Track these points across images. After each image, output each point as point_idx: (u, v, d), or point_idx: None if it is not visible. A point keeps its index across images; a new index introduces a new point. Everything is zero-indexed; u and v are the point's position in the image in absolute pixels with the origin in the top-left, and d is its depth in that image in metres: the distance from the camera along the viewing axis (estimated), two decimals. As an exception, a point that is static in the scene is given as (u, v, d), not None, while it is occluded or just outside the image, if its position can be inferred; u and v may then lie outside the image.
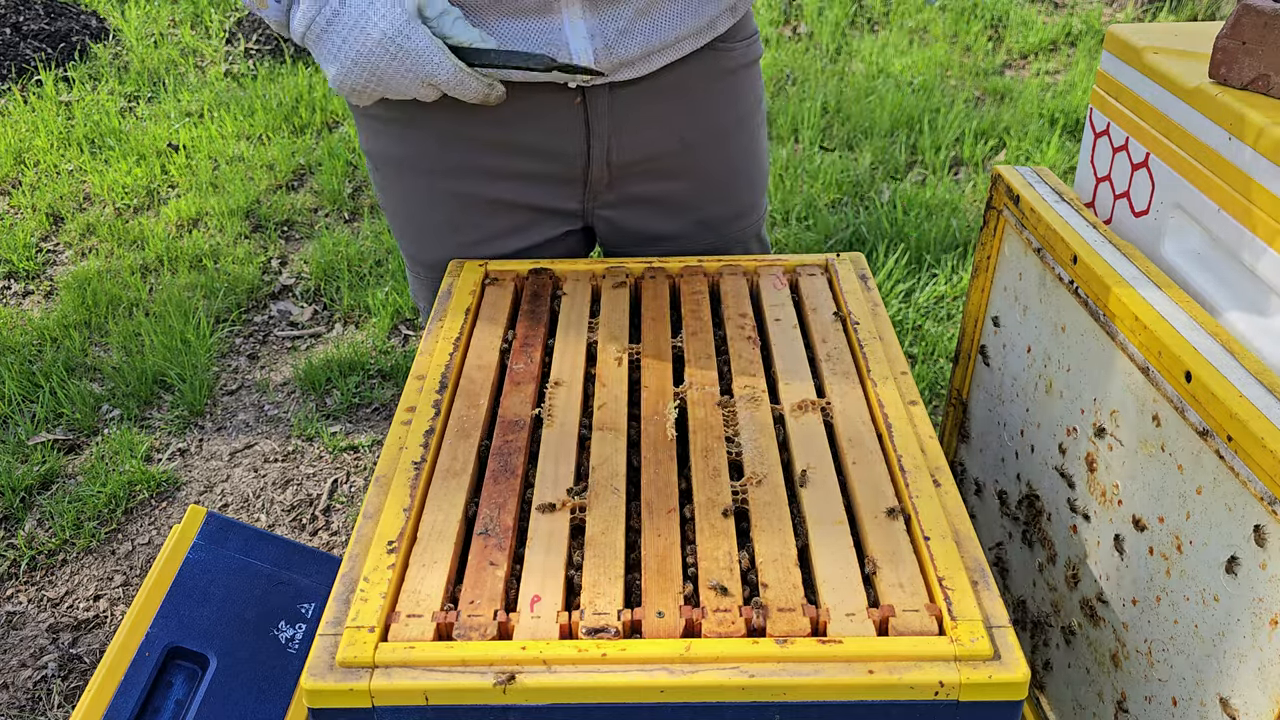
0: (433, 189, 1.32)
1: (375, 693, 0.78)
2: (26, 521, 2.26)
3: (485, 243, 1.36)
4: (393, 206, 1.38)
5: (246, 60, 4.41)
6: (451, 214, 1.34)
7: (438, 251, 1.37)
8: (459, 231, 1.35)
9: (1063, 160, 3.49)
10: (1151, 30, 1.19)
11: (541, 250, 1.37)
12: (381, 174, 1.36)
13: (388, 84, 1.12)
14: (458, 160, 1.28)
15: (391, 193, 1.37)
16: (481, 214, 1.33)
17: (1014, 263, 1.32)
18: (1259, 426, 0.86)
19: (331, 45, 1.11)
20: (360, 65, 1.11)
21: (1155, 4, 4.71)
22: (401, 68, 1.10)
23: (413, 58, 1.10)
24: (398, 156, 1.32)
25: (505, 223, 1.34)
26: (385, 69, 1.11)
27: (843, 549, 0.89)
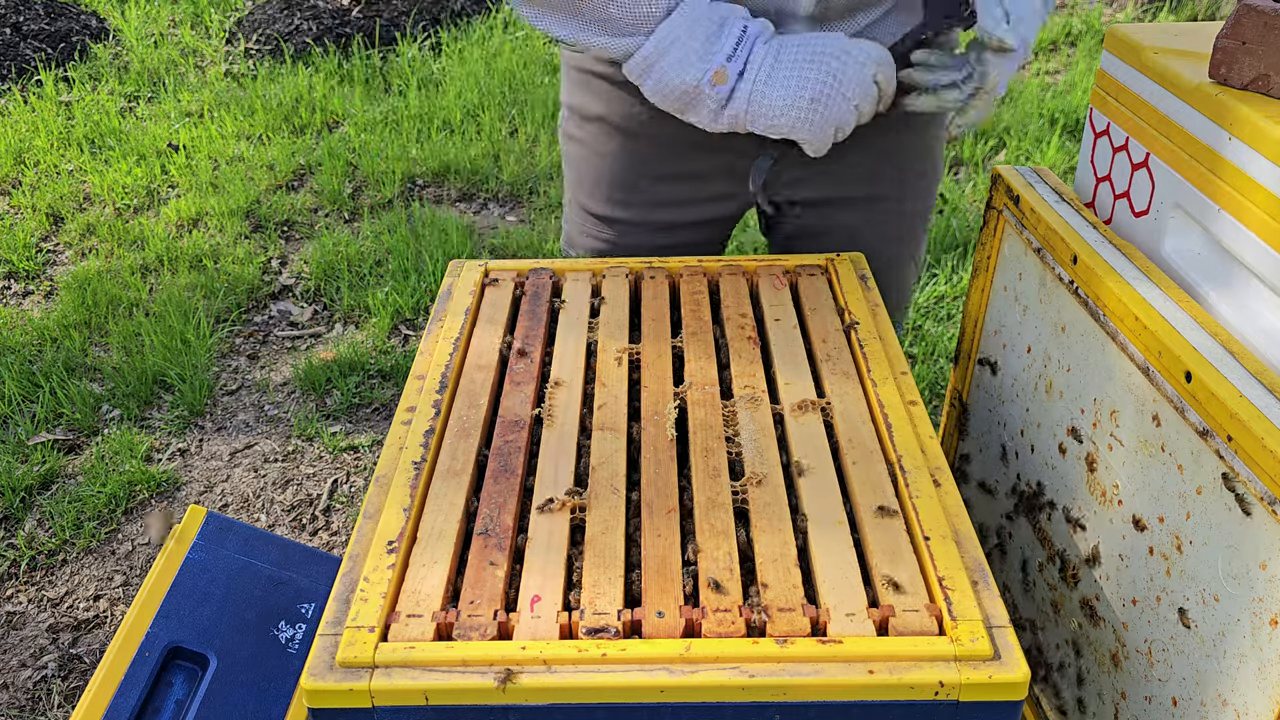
0: (621, 149, 1.38)
1: (375, 693, 0.78)
2: (26, 521, 2.26)
3: (660, 207, 1.41)
4: (581, 158, 1.44)
5: (246, 60, 4.41)
6: (632, 174, 1.40)
7: (612, 208, 1.43)
8: (633, 190, 1.41)
9: (1063, 160, 3.49)
10: (1151, 30, 1.19)
11: (707, 227, 1.44)
12: (579, 127, 1.42)
13: (844, 85, 1.16)
14: (659, 127, 1.31)
15: (584, 145, 1.42)
16: (661, 180, 1.39)
17: (1014, 263, 1.32)
18: (1259, 427, 0.86)
19: (782, 75, 1.16)
20: (819, 77, 1.16)
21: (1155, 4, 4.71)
22: (854, 61, 1.16)
23: (859, 49, 1.16)
24: (598, 113, 1.38)
25: (685, 191, 1.40)
26: (840, 70, 1.16)
27: (843, 549, 0.89)
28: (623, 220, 1.43)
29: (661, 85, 1.18)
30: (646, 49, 1.16)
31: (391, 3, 4.67)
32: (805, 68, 1.16)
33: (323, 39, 4.45)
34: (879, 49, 1.18)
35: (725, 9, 1.18)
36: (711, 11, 1.17)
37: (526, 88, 4.03)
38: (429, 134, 3.79)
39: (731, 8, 1.18)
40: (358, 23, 4.54)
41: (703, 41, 1.15)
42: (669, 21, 1.15)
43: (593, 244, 1.47)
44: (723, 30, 1.16)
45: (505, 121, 3.86)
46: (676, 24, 1.15)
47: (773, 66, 1.16)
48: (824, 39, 1.17)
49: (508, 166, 3.57)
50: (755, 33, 1.17)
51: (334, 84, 4.16)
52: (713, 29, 1.16)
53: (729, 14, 1.17)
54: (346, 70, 4.25)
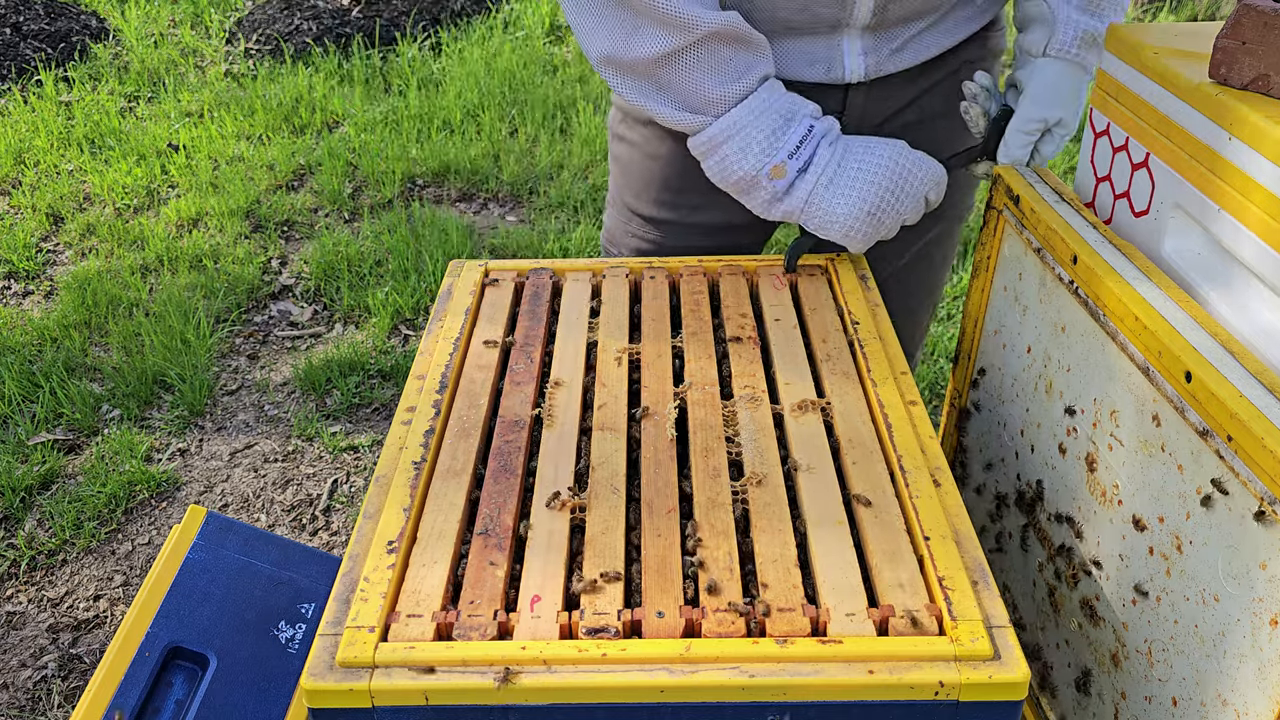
0: (679, 155, 1.39)
1: (375, 693, 0.78)
2: (26, 521, 2.26)
3: (704, 209, 1.43)
4: (630, 159, 1.45)
5: (246, 60, 4.41)
6: (687, 179, 1.40)
7: (659, 210, 1.45)
8: (686, 195, 1.42)
9: (1063, 160, 3.49)
10: (1152, 30, 1.19)
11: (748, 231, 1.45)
12: (630, 128, 1.44)
13: (903, 197, 1.22)
14: None
15: (635, 147, 1.44)
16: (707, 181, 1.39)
17: (1014, 263, 1.32)
18: (1259, 427, 0.86)
19: (844, 182, 1.20)
20: (880, 186, 1.20)
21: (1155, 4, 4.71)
22: (913, 176, 1.21)
23: (919, 164, 1.21)
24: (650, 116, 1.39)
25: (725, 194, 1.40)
26: (900, 183, 1.21)
27: (843, 549, 0.89)
28: (669, 222, 1.44)
29: (722, 168, 1.22)
30: (713, 130, 1.19)
31: (391, 3, 4.67)
32: (867, 182, 1.19)
33: (323, 39, 4.45)
34: (937, 168, 1.23)
35: (796, 103, 1.20)
36: (782, 105, 1.19)
37: (526, 88, 4.03)
38: (429, 134, 3.79)
39: (802, 104, 1.21)
40: (358, 23, 4.54)
41: (768, 134, 1.18)
42: (739, 108, 1.18)
43: (637, 244, 1.48)
44: (789, 126, 1.19)
45: (505, 121, 3.86)
46: (745, 112, 1.18)
47: (835, 173, 1.20)
48: (888, 149, 1.21)
49: (508, 166, 3.57)
50: (821, 133, 1.20)
51: (334, 84, 4.16)
52: (779, 123, 1.18)
53: (797, 110, 1.20)
54: (346, 70, 4.25)
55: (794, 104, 1.20)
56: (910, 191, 1.21)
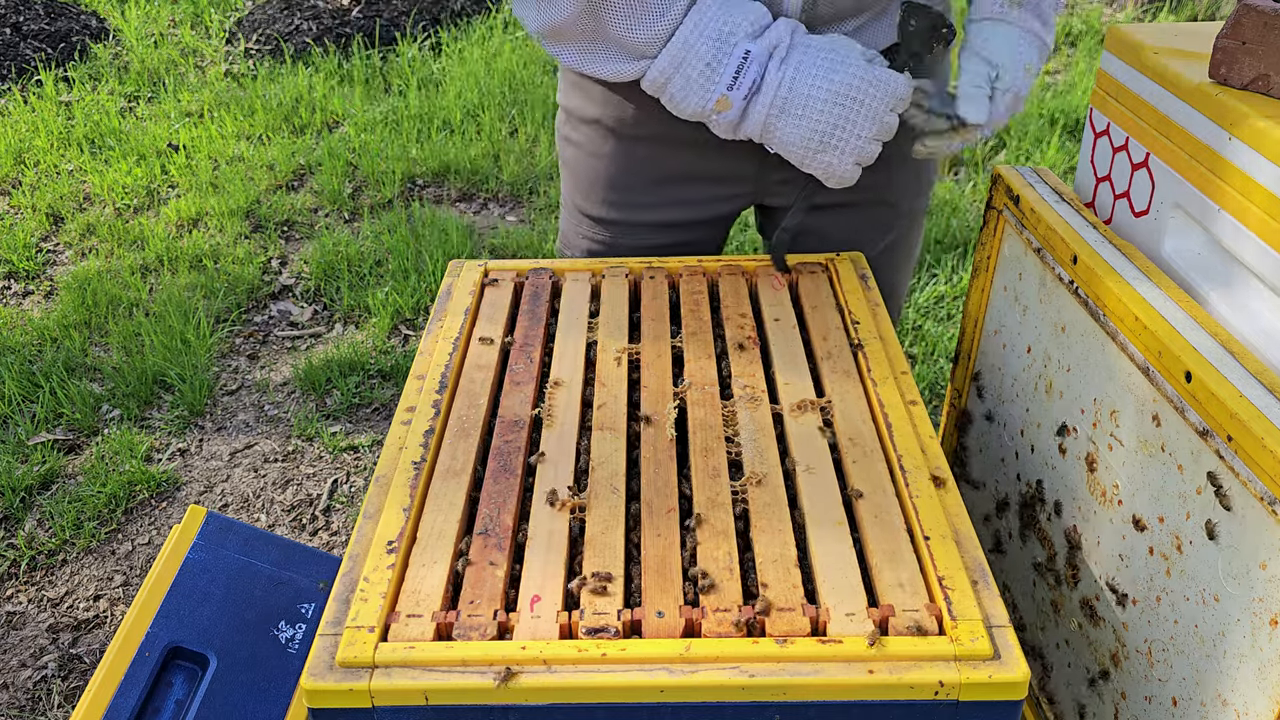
0: (617, 151, 1.38)
1: (375, 693, 0.78)
2: (26, 521, 2.26)
3: (653, 208, 1.41)
4: (576, 160, 1.44)
5: (246, 60, 4.41)
6: (634, 177, 1.39)
7: (607, 210, 1.43)
8: (629, 191, 1.40)
9: (1063, 160, 3.49)
10: (1152, 30, 1.19)
11: (700, 227, 1.43)
12: (574, 129, 1.42)
13: (857, 123, 1.15)
14: (654, 129, 1.32)
15: (580, 148, 1.42)
16: (656, 181, 1.39)
17: (1014, 263, 1.32)
18: (1259, 427, 0.86)
19: (796, 108, 1.15)
20: (831, 114, 1.14)
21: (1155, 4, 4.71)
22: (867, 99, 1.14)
23: (874, 84, 1.13)
24: (593, 115, 1.38)
25: (681, 192, 1.39)
26: (854, 106, 1.14)
27: (843, 549, 0.89)
28: (618, 221, 1.43)
29: (674, 107, 1.19)
30: (653, 73, 1.17)
31: (391, 3, 4.67)
32: (819, 109, 1.14)
33: (323, 39, 4.45)
34: (898, 83, 1.15)
35: (728, 27, 1.15)
36: (713, 31, 1.14)
37: (526, 88, 4.03)
38: (429, 134, 3.79)
39: (736, 24, 1.15)
40: (358, 23, 4.54)
41: (703, 69, 1.15)
42: (671, 44, 1.15)
43: (588, 245, 1.47)
44: (721, 57, 1.15)
45: (505, 121, 3.86)
46: (677, 47, 1.15)
47: (787, 98, 1.15)
48: (844, 70, 1.14)
49: (508, 166, 3.57)
50: (762, 54, 1.15)
51: (334, 84, 4.16)
52: (713, 53, 1.15)
53: (730, 35, 1.15)
54: (346, 70, 4.25)
55: (726, 28, 1.14)
56: (868, 114, 1.14)
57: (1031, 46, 1.23)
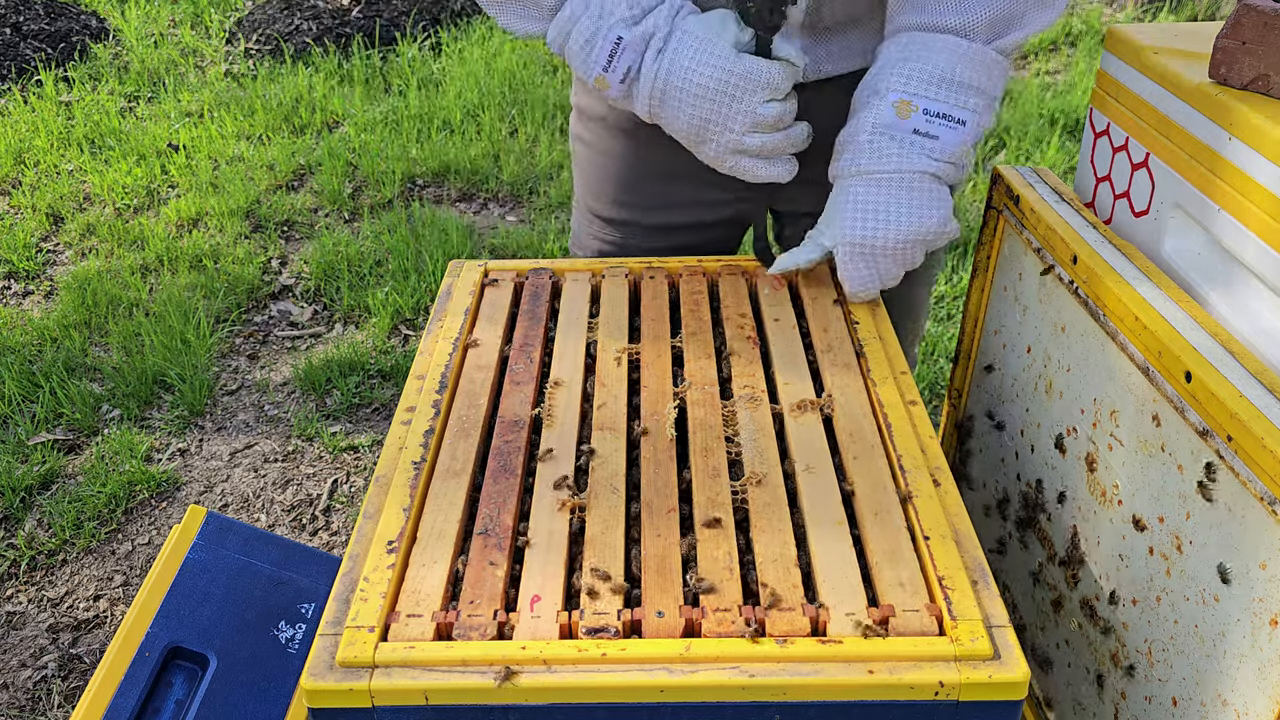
0: (625, 149, 1.38)
1: (375, 692, 0.78)
2: (26, 521, 2.26)
3: (662, 209, 1.41)
4: (587, 159, 1.44)
5: (246, 60, 4.41)
6: (636, 175, 1.39)
7: (617, 210, 1.43)
8: (638, 192, 1.40)
9: (1063, 160, 3.49)
10: (1152, 30, 1.19)
11: (710, 230, 1.42)
12: (585, 127, 1.42)
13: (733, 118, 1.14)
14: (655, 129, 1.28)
15: (590, 146, 1.42)
16: (665, 180, 1.38)
17: (1014, 263, 1.32)
18: (1259, 427, 0.86)
19: (673, 103, 1.14)
20: (706, 111, 1.13)
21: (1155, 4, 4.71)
22: (739, 94, 1.12)
23: (745, 79, 1.11)
24: (600, 112, 1.38)
25: (687, 191, 1.38)
26: (726, 103, 1.13)
27: (843, 549, 0.89)
28: (627, 222, 1.43)
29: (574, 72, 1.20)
30: (550, 35, 1.18)
31: (391, 3, 4.67)
32: (691, 100, 1.14)
33: (323, 39, 4.45)
34: (771, 72, 1.12)
35: (607, 6, 1.13)
36: (596, 10, 1.14)
37: (526, 88, 4.03)
38: (429, 134, 3.79)
39: (612, 6, 1.14)
40: (358, 23, 4.54)
41: (582, 45, 1.15)
42: (560, 14, 1.16)
43: (599, 245, 1.47)
44: (595, 39, 1.14)
45: (505, 121, 3.86)
46: (564, 18, 1.15)
47: (664, 89, 1.15)
48: (713, 55, 1.12)
49: (508, 166, 3.57)
50: (636, 43, 1.13)
51: (334, 84, 4.16)
52: (590, 32, 1.14)
53: (606, 16, 1.13)
54: (346, 70, 4.25)
55: (605, 8, 1.13)
56: (738, 107, 1.12)
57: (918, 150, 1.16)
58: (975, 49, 1.14)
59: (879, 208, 1.15)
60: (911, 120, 1.14)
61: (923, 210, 1.15)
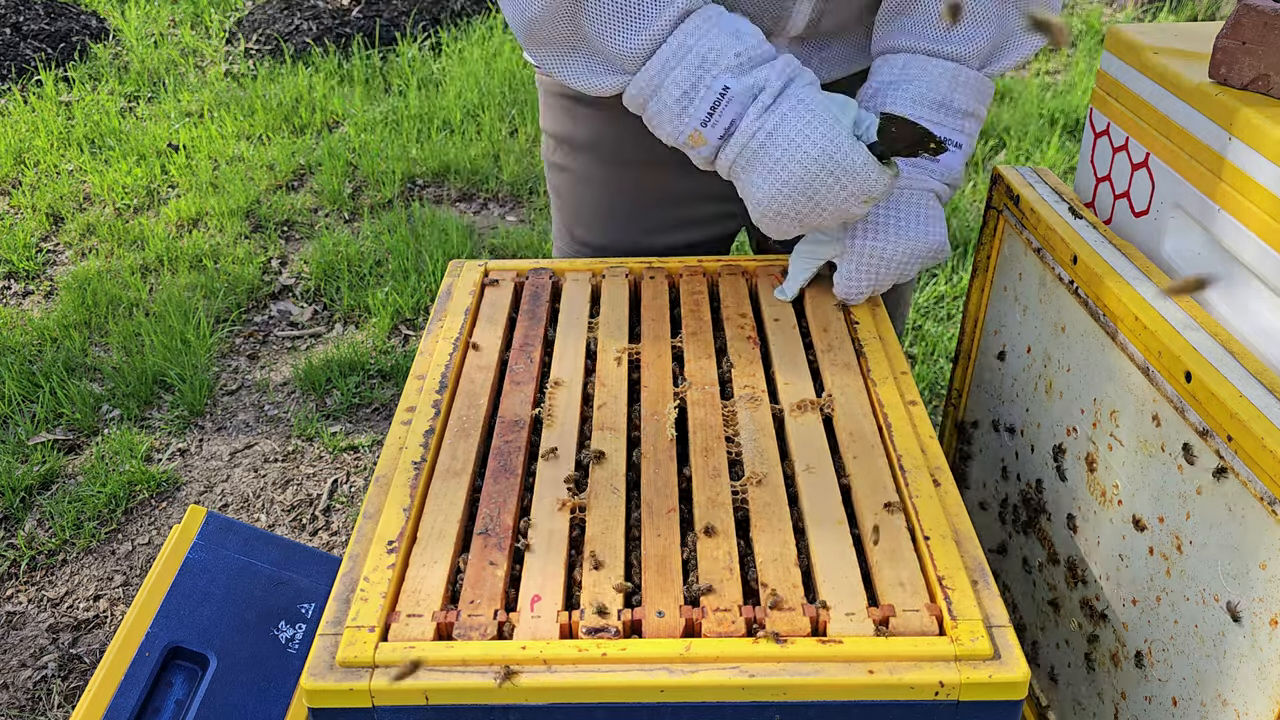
0: (615, 177, 1.34)
1: (375, 692, 0.78)
2: (26, 521, 2.26)
3: (655, 233, 1.38)
4: (567, 187, 1.39)
5: (246, 60, 4.41)
6: (629, 202, 1.36)
7: (604, 235, 1.40)
8: (631, 219, 1.37)
9: (1063, 160, 3.49)
10: (1152, 30, 1.19)
11: (702, 248, 1.40)
12: (570, 157, 1.37)
13: (821, 205, 1.06)
14: (647, 153, 1.26)
15: (577, 176, 1.38)
16: (658, 204, 1.35)
17: (1014, 263, 1.32)
18: (1259, 426, 0.86)
19: (764, 167, 1.05)
20: (797, 186, 1.05)
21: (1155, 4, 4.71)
22: (838, 185, 1.04)
23: (850, 175, 1.03)
24: (585, 141, 1.33)
25: (679, 214, 1.36)
26: (822, 188, 1.04)
27: (843, 549, 0.89)
28: (620, 247, 1.40)
29: (655, 132, 1.11)
30: (631, 90, 1.08)
31: (391, 3, 4.67)
32: (789, 174, 1.04)
33: (323, 39, 4.45)
34: (880, 181, 1.05)
35: (710, 56, 1.04)
36: (695, 58, 1.04)
37: (526, 87, 4.02)
38: (429, 134, 3.79)
39: (719, 55, 1.04)
40: (358, 23, 4.54)
41: (678, 98, 1.05)
42: (652, 61, 1.05)
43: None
44: (697, 90, 1.04)
45: (505, 121, 3.86)
46: (656, 67, 1.05)
47: (756, 152, 1.06)
48: (831, 136, 1.03)
49: (508, 166, 3.57)
50: (744, 94, 1.04)
51: (334, 84, 4.16)
52: (690, 83, 1.04)
53: (710, 67, 1.04)
54: (346, 70, 4.25)
55: (710, 54, 1.03)
56: (836, 199, 1.05)
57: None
58: (970, 74, 1.17)
59: (889, 222, 1.16)
60: None
61: (928, 226, 1.17)
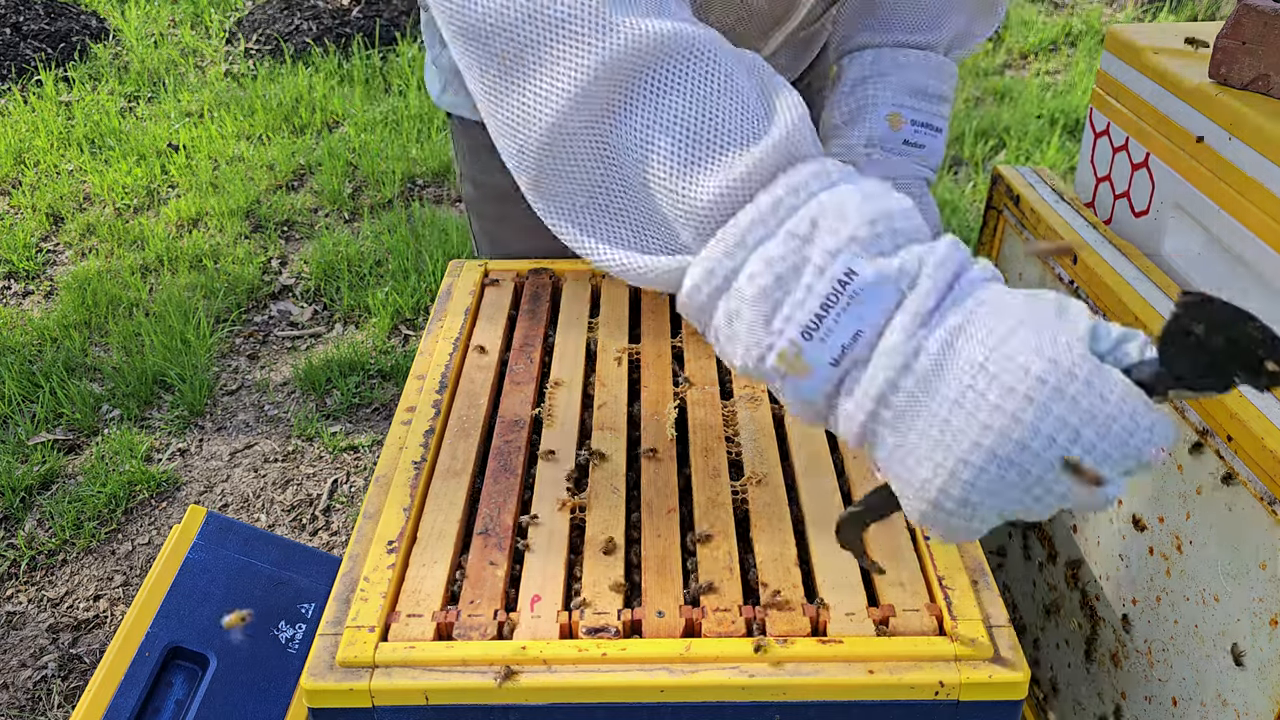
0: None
1: (375, 692, 0.78)
2: (26, 521, 2.26)
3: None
4: (497, 235, 1.37)
5: (246, 60, 4.41)
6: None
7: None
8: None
9: (1063, 160, 3.49)
10: (1151, 30, 1.19)
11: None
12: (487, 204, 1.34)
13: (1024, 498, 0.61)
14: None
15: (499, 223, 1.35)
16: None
17: (1014, 263, 1.32)
18: (1259, 427, 0.86)
19: (933, 417, 0.60)
20: (998, 450, 0.59)
21: (1155, 4, 4.71)
22: (1073, 441, 0.58)
23: (1095, 421, 0.58)
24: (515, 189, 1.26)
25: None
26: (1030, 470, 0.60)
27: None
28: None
29: (723, 352, 0.67)
30: (691, 282, 0.65)
31: (391, 2, 4.67)
32: (977, 422, 0.59)
33: (323, 39, 4.45)
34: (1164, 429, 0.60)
35: (827, 216, 0.62)
36: (802, 222, 0.62)
37: (526, 88, 4.02)
38: (429, 134, 3.79)
39: (836, 217, 0.62)
40: (358, 22, 4.54)
41: (763, 289, 0.62)
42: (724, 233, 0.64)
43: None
44: (800, 273, 0.62)
45: (505, 121, 3.85)
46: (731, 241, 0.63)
47: (913, 396, 0.61)
48: (1048, 350, 0.58)
49: (508, 166, 3.56)
50: (884, 288, 0.61)
51: (334, 84, 4.16)
52: (787, 265, 0.62)
53: (825, 232, 0.62)
54: (346, 70, 4.25)
55: (820, 222, 0.62)
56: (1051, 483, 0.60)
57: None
58: (939, 60, 1.18)
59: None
60: (902, 132, 1.16)
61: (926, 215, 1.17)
